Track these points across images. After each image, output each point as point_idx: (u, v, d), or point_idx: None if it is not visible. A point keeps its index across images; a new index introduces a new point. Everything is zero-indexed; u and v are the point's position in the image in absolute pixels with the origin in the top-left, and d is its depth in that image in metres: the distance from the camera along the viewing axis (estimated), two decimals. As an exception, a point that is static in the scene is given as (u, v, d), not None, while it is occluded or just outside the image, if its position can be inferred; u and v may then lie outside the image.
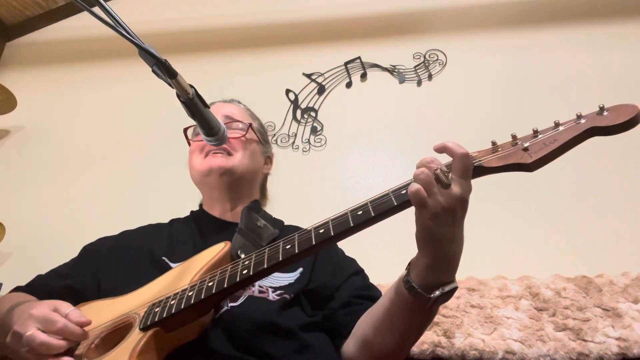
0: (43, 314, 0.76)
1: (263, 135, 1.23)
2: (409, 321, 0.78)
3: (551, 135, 0.66)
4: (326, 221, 0.76)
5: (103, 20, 0.72)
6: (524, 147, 0.66)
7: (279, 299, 0.91)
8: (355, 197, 1.79)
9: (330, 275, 0.99)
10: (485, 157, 0.70)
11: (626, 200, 1.64)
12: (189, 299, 0.78)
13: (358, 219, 0.72)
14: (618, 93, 1.83)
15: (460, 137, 1.81)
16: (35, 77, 2.32)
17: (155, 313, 0.79)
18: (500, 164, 0.67)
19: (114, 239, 1.12)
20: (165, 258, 1.00)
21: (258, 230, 1.04)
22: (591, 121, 0.65)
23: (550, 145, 0.64)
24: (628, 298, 1.28)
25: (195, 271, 0.87)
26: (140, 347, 0.74)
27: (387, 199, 0.72)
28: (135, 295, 0.91)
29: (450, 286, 0.71)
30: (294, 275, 0.97)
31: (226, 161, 1.08)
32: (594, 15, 2.04)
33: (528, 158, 0.64)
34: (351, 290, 0.96)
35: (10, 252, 1.85)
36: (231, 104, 1.23)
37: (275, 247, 0.78)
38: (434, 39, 2.08)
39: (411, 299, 0.73)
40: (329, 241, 0.73)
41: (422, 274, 0.71)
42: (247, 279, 0.77)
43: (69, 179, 2.02)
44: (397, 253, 1.20)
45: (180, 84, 0.79)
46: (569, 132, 0.65)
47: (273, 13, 2.27)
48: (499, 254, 1.57)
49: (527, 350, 1.16)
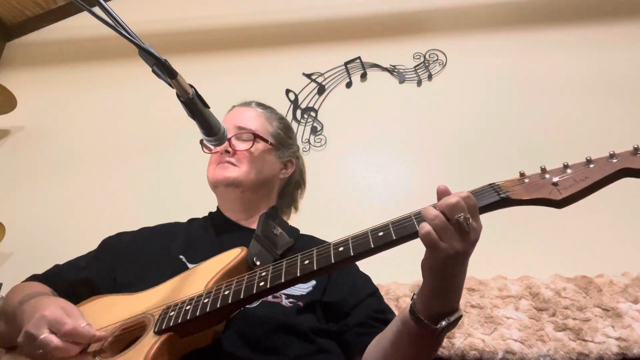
0: (55, 317, 0.78)
1: (280, 138, 1.19)
2: (416, 352, 0.78)
3: (582, 172, 0.64)
4: (346, 239, 0.75)
5: (103, 20, 0.72)
6: (554, 182, 0.65)
7: (292, 306, 0.91)
8: (355, 197, 1.82)
9: (347, 292, 0.99)
10: (512, 188, 0.68)
11: (626, 201, 1.64)
12: (204, 307, 0.78)
13: (379, 240, 0.71)
14: (618, 95, 1.83)
15: (461, 137, 1.82)
16: (35, 77, 2.32)
17: (170, 317, 0.79)
18: (528, 197, 0.66)
19: (133, 235, 1.13)
20: (183, 257, 1.01)
21: (274, 238, 1.04)
22: (624, 162, 0.63)
23: (581, 183, 0.62)
24: (628, 298, 1.28)
25: (211, 275, 0.87)
26: (155, 351, 0.74)
27: (409, 222, 0.71)
28: (150, 295, 0.91)
29: (456, 315, 0.71)
30: (306, 287, 0.97)
31: (230, 172, 1.08)
32: (594, 15, 2.04)
33: (557, 194, 0.63)
34: (369, 312, 0.96)
35: (10, 252, 1.85)
36: (248, 109, 1.20)
37: (294, 262, 0.78)
38: (434, 39, 2.07)
39: (417, 329, 0.73)
40: (347, 260, 0.73)
41: (427, 305, 0.71)
42: (263, 292, 0.77)
43: (69, 179, 2.02)
44: (398, 253, 1.20)
45: (180, 84, 0.79)
46: (601, 171, 0.63)
47: (273, 13, 2.27)
48: (499, 254, 1.57)
49: (527, 350, 1.16)
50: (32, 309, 0.82)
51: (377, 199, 1.79)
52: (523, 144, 1.78)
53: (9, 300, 0.95)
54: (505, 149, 1.79)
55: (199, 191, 1.27)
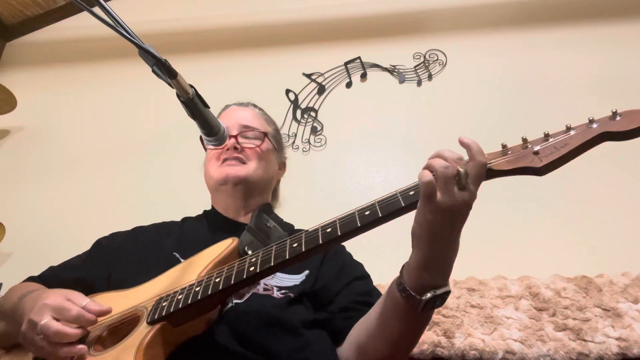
0: (58, 303, 0.78)
1: (278, 141, 1.22)
2: (400, 326, 0.77)
3: (562, 140, 0.65)
4: (333, 221, 0.75)
5: (103, 20, 0.72)
6: (535, 150, 0.65)
7: (283, 297, 0.91)
8: (355, 197, 1.82)
9: (333, 278, 0.99)
10: (495, 159, 0.68)
11: (626, 200, 1.64)
12: (195, 295, 0.78)
13: (365, 219, 0.71)
14: (619, 94, 1.83)
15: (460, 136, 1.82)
16: (35, 77, 2.32)
17: (162, 307, 0.80)
18: (510, 167, 0.66)
19: (127, 234, 1.14)
20: (177, 254, 1.01)
21: (267, 230, 1.04)
22: (603, 126, 0.63)
23: (561, 150, 0.63)
24: (628, 298, 1.28)
25: (203, 266, 0.88)
26: (147, 341, 0.75)
27: (394, 199, 0.71)
28: (144, 289, 0.91)
29: (443, 289, 0.70)
30: (299, 277, 0.97)
31: (240, 170, 1.09)
32: (594, 15, 2.04)
33: (538, 162, 0.63)
34: (351, 296, 0.96)
35: (10, 252, 1.86)
36: (247, 109, 1.21)
37: (282, 245, 0.78)
38: (434, 39, 2.07)
39: (403, 302, 0.72)
40: (335, 241, 0.73)
41: (414, 274, 0.70)
42: (253, 276, 0.77)
43: (68, 179, 2.02)
44: (399, 253, 1.20)
45: (180, 84, 0.79)
46: (580, 137, 0.63)
47: (273, 13, 2.27)
48: (499, 254, 1.57)
49: (527, 350, 1.16)
50: (33, 301, 0.82)
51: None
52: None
53: (7, 300, 0.95)
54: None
55: (200, 190, 1.27)
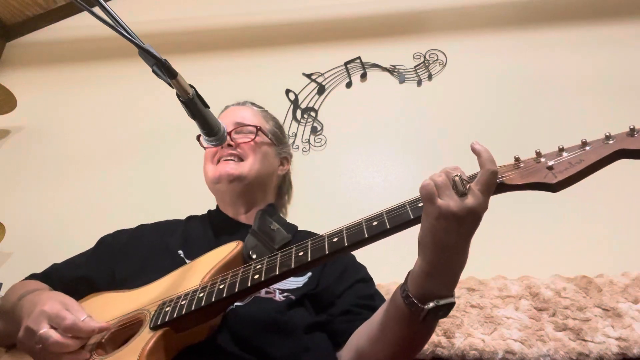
0: (55, 311, 0.77)
1: (277, 136, 1.21)
2: (401, 333, 0.75)
3: (577, 155, 0.62)
4: (340, 230, 0.74)
5: (103, 20, 0.72)
6: (549, 165, 0.63)
7: (285, 300, 0.90)
8: (355, 197, 1.82)
9: (335, 280, 0.98)
10: (507, 173, 0.66)
11: (626, 200, 1.64)
12: (199, 301, 0.78)
13: (373, 230, 0.70)
14: (619, 94, 1.83)
15: (461, 137, 1.82)
16: (35, 77, 2.32)
17: (165, 313, 0.79)
18: (523, 182, 0.64)
19: (131, 232, 1.13)
20: (181, 252, 1.01)
21: (271, 233, 1.03)
22: (620, 143, 0.61)
23: (576, 166, 0.61)
24: (628, 298, 1.28)
25: (207, 270, 0.87)
26: (150, 347, 0.74)
27: (403, 210, 0.70)
28: (147, 290, 0.91)
29: (447, 300, 0.68)
30: (302, 279, 0.96)
31: (236, 168, 1.08)
32: (594, 16, 2.04)
33: (552, 178, 0.61)
34: (353, 299, 0.95)
35: (10, 252, 1.86)
36: (244, 107, 1.22)
37: (288, 254, 0.77)
38: (434, 39, 2.07)
39: (405, 310, 0.70)
40: (342, 251, 0.72)
41: (418, 282, 0.69)
42: (258, 285, 0.76)
43: (68, 179, 2.02)
44: (398, 252, 1.20)
45: (180, 84, 0.78)
46: (596, 153, 0.61)
47: (273, 13, 2.27)
48: (499, 254, 1.57)
49: (527, 350, 1.16)
50: (30, 305, 0.81)
51: (377, 199, 1.78)
52: (523, 143, 1.78)
53: (8, 298, 0.95)
54: (505, 148, 1.76)
55: (199, 190, 1.27)
